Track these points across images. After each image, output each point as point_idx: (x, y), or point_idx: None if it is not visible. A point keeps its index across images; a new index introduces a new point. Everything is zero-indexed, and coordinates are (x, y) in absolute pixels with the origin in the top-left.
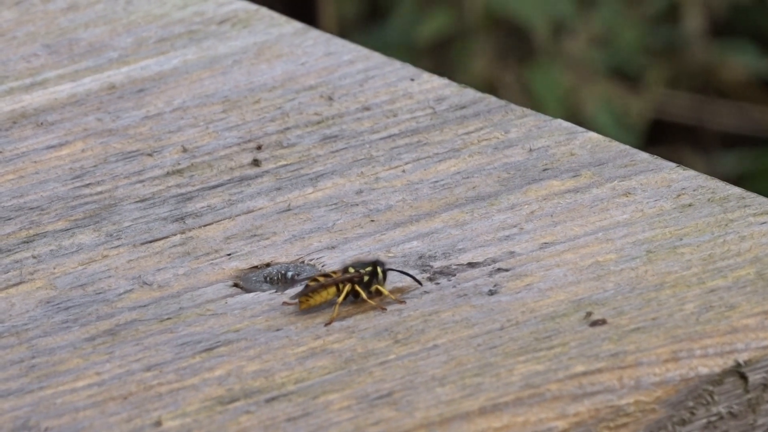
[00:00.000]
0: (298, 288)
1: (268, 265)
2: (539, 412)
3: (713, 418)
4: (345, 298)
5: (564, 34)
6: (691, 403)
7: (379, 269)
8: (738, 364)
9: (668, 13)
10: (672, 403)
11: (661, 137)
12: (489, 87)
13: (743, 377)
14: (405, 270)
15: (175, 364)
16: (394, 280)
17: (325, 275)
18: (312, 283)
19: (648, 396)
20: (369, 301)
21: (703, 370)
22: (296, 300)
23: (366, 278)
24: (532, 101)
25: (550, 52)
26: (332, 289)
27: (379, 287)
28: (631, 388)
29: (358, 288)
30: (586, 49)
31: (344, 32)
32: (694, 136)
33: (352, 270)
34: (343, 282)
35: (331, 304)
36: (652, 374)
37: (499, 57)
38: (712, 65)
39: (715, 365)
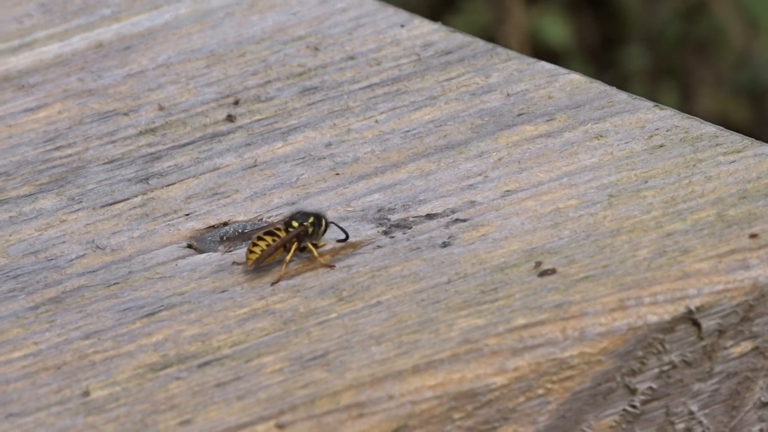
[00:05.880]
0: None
1: (225, 224)
2: (476, 368)
3: (666, 367)
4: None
5: None
6: (640, 353)
7: (323, 221)
8: (689, 311)
9: None
10: (619, 353)
11: None
12: (700, 2)
13: (696, 324)
14: (338, 223)
15: (114, 330)
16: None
17: (270, 233)
18: (259, 243)
19: (593, 347)
20: (319, 258)
21: (652, 318)
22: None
23: (311, 230)
24: (746, 19)
25: None
26: (281, 250)
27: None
28: (574, 340)
29: (309, 245)
30: None
31: None
32: None
33: (295, 224)
34: (290, 240)
35: (279, 261)
36: (597, 324)
37: None
38: None
39: (665, 312)
